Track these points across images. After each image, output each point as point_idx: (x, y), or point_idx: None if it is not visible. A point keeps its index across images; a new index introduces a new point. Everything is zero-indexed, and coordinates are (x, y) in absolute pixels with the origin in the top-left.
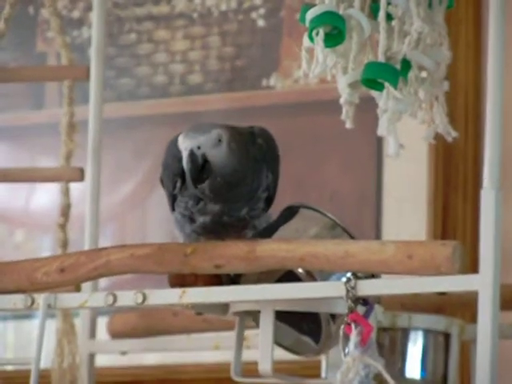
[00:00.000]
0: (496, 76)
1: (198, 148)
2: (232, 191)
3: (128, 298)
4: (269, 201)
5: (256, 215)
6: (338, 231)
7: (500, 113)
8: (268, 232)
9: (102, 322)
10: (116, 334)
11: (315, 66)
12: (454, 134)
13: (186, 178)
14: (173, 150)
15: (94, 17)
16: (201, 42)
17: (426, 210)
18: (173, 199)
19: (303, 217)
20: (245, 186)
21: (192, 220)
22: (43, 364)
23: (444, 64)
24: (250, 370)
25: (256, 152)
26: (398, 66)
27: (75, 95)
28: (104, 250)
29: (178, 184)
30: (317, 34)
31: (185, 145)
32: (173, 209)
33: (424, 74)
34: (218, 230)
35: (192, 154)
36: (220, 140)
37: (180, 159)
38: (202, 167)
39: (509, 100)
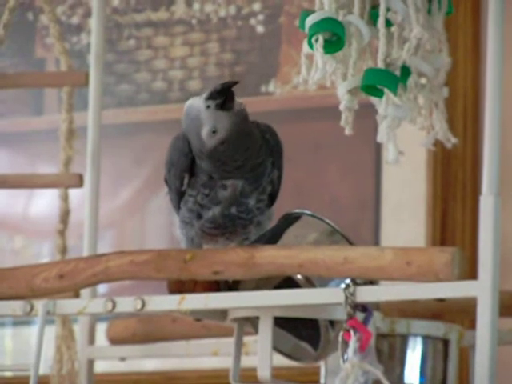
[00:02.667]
0: (495, 82)
1: None
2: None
3: (127, 304)
4: (272, 197)
5: (261, 209)
6: (336, 237)
7: (499, 119)
8: (267, 239)
9: (101, 328)
10: (115, 340)
11: (315, 72)
12: (453, 140)
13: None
14: (179, 146)
15: (94, 23)
16: (200, 49)
17: (425, 216)
18: (179, 197)
19: (302, 223)
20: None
21: (199, 216)
22: (42, 370)
23: (443, 70)
24: (249, 376)
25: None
26: (398, 73)
27: (74, 101)
28: (103, 256)
29: (186, 179)
30: (316, 40)
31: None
32: (178, 208)
33: (423, 81)
34: (225, 223)
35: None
36: None
37: (187, 154)
38: None
39: (508, 106)
